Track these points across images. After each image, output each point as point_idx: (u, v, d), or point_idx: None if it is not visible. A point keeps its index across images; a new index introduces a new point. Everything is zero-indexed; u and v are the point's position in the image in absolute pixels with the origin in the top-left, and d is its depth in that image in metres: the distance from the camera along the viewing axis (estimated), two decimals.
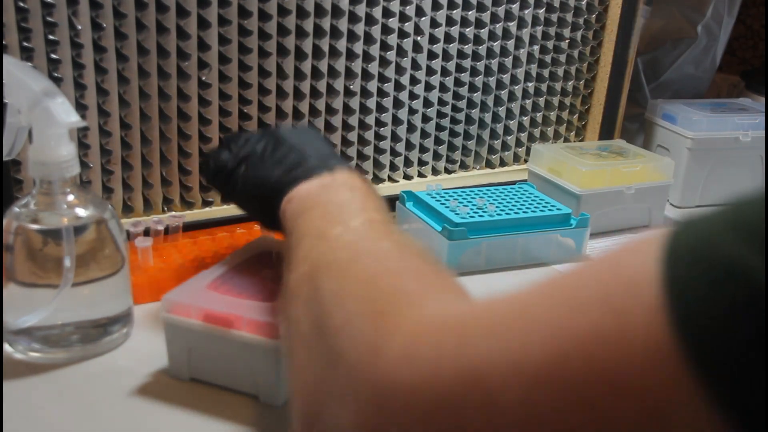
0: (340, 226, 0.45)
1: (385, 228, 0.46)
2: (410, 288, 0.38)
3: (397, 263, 0.41)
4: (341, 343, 0.35)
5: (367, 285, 0.38)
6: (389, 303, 0.36)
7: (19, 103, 0.55)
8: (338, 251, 0.43)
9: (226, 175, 0.59)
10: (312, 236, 0.46)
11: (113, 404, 0.54)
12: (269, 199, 0.55)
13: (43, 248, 0.57)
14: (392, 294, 0.37)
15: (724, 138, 0.99)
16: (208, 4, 0.76)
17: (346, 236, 0.44)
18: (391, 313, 0.35)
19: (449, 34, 0.91)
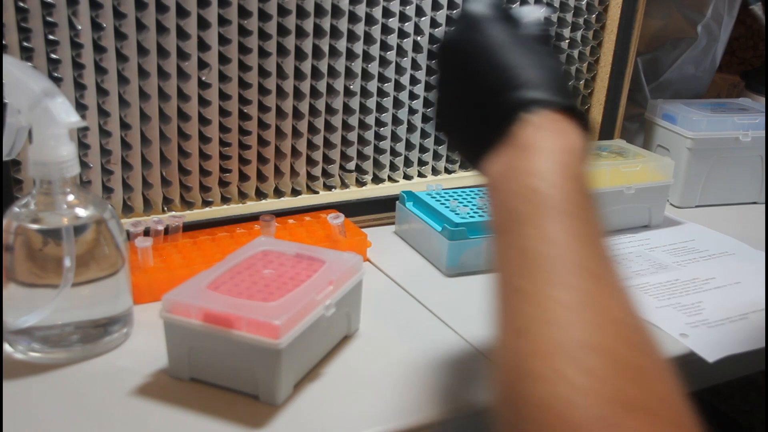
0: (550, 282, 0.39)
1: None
2: (632, 394, 0.34)
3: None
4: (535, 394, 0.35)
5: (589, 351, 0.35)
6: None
7: (19, 103, 0.55)
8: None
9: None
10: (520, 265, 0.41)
11: (113, 404, 0.54)
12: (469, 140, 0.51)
13: (43, 248, 0.57)
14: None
15: (724, 138, 0.99)
16: (208, 4, 0.76)
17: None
18: None
19: None
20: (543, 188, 0.42)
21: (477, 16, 0.50)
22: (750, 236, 0.90)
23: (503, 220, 0.43)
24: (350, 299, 0.63)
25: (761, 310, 0.73)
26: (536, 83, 0.47)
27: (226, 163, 0.83)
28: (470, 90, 0.50)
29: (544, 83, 0.47)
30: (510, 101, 0.46)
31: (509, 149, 0.45)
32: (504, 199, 0.44)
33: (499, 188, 0.45)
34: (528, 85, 0.47)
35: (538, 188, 0.42)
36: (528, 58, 0.48)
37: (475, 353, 0.63)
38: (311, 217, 0.83)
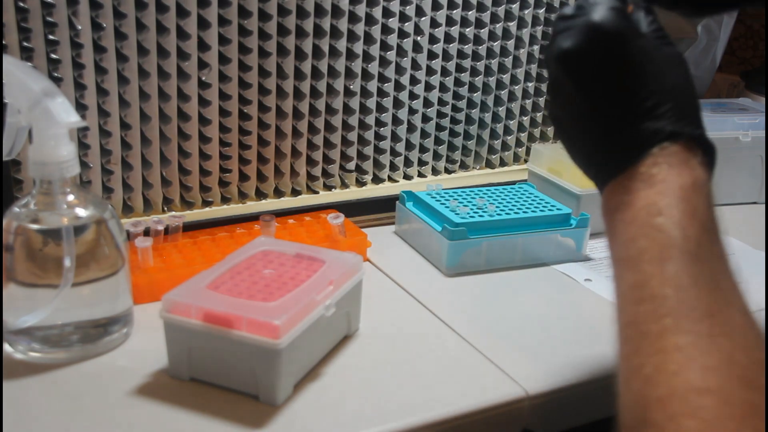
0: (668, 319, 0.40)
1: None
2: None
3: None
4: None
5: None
6: None
7: (19, 103, 0.55)
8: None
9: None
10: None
11: (113, 404, 0.54)
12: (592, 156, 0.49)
13: (43, 248, 0.57)
14: None
15: (724, 138, 0.99)
16: (208, 4, 0.76)
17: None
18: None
19: (449, 34, 0.91)
20: (666, 227, 0.42)
21: (608, 29, 0.47)
22: (750, 236, 0.90)
23: (625, 254, 0.44)
24: (350, 299, 0.63)
25: (761, 310, 0.73)
26: (669, 113, 0.46)
27: (226, 163, 0.83)
28: (600, 112, 0.48)
29: (677, 111, 0.46)
30: (642, 134, 0.46)
31: (635, 180, 0.45)
32: (626, 231, 0.45)
33: (621, 219, 0.45)
34: (660, 115, 0.46)
35: (662, 226, 0.43)
36: (661, 80, 0.47)
37: (475, 353, 0.63)
38: (311, 217, 0.83)
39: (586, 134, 0.50)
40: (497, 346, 0.63)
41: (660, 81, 0.47)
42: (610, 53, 0.47)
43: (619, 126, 0.47)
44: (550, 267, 0.80)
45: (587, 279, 0.77)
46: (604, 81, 0.47)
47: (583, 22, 0.47)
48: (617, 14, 0.47)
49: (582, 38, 0.47)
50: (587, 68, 0.48)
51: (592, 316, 0.70)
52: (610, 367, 0.62)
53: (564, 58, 0.48)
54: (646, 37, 0.48)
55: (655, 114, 0.46)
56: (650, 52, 0.47)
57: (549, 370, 0.60)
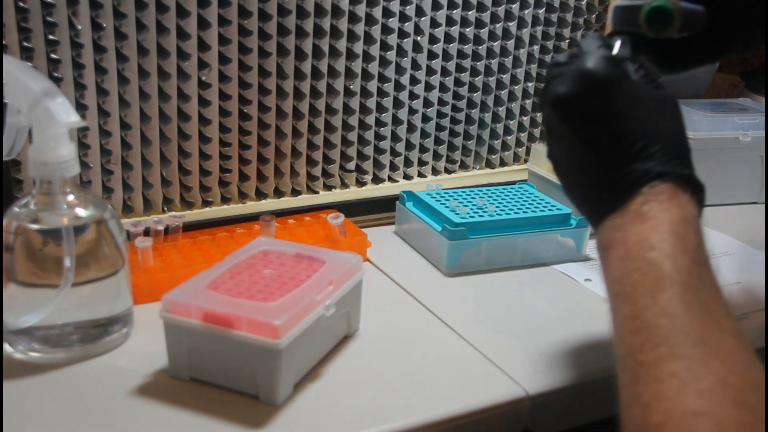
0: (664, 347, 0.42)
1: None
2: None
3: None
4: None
5: None
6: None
7: (19, 103, 0.55)
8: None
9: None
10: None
11: (113, 404, 0.54)
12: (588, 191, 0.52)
13: (43, 248, 0.57)
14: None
15: (724, 138, 0.99)
16: (208, 4, 0.76)
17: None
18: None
19: (449, 34, 0.91)
20: (658, 260, 0.45)
21: (599, 76, 0.50)
22: (750, 236, 0.90)
23: (620, 288, 0.46)
24: (350, 299, 0.63)
25: (761, 310, 0.73)
26: (658, 154, 0.48)
27: (226, 163, 0.83)
28: (592, 154, 0.51)
29: (666, 152, 0.49)
30: (633, 175, 0.48)
31: (627, 218, 0.48)
32: (620, 266, 0.47)
33: (615, 255, 0.48)
34: (651, 157, 0.48)
35: (654, 260, 0.45)
36: (650, 123, 0.49)
37: (474, 353, 0.63)
38: (311, 217, 0.83)
39: (580, 175, 0.53)
40: (497, 346, 0.63)
41: (649, 124, 0.49)
42: (602, 99, 0.50)
43: (611, 167, 0.49)
44: (550, 267, 0.80)
45: (587, 279, 0.77)
46: (596, 125, 0.50)
47: (576, 69, 0.50)
48: (608, 62, 0.50)
49: (574, 84, 0.50)
50: (580, 113, 0.51)
51: (592, 316, 0.70)
52: (609, 367, 0.62)
53: (557, 103, 0.51)
54: (636, 83, 0.51)
55: (644, 155, 0.48)
56: (640, 96, 0.50)
57: (549, 370, 0.60)
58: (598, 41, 0.52)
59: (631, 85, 0.50)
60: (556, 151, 0.55)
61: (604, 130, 0.50)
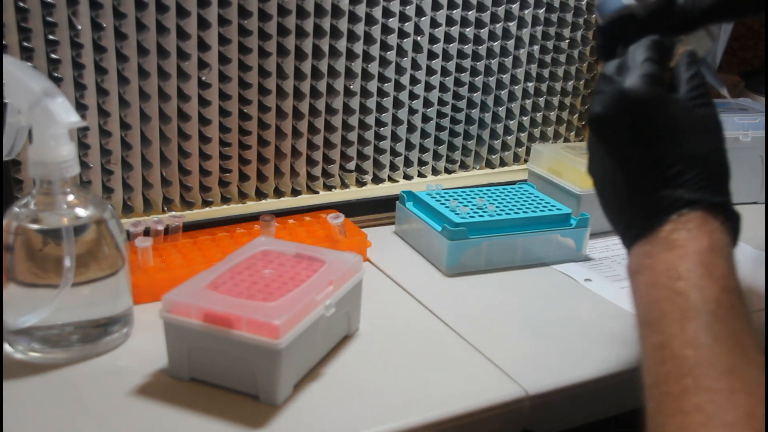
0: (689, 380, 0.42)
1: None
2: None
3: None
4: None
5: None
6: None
7: (19, 103, 0.55)
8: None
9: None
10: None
11: (113, 404, 0.54)
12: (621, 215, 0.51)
13: (43, 248, 0.57)
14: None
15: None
16: (208, 4, 0.76)
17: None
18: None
19: (449, 34, 0.91)
20: (686, 290, 0.44)
21: (637, 97, 0.49)
22: (750, 236, 0.90)
23: (648, 317, 0.46)
24: (350, 299, 0.63)
25: (761, 310, 0.73)
26: (691, 180, 0.48)
27: (226, 163, 0.83)
28: (627, 176, 0.50)
29: (700, 179, 0.48)
30: (663, 201, 0.48)
31: (656, 245, 0.47)
32: (648, 294, 0.47)
33: (643, 282, 0.47)
34: (683, 184, 0.48)
35: (682, 290, 0.45)
36: (687, 147, 0.48)
37: (474, 353, 0.63)
38: (311, 217, 0.83)
39: (614, 196, 0.52)
40: (497, 346, 0.63)
41: (685, 148, 0.48)
42: (638, 120, 0.49)
43: (642, 192, 0.49)
44: (550, 267, 0.80)
45: (587, 279, 0.77)
46: (632, 147, 0.49)
47: (615, 88, 0.49)
48: (648, 81, 0.49)
49: (611, 105, 0.49)
50: (615, 134, 0.50)
51: (592, 316, 0.70)
52: (609, 368, 0.62)
53: (594, 122, 0.51)
54: (678, 102, 0.50)
55: (677, 182, 0.48)
56: (679, 118, 0.49)
57: (549, 370, 0.60)
58: (645, 53, 0.51)
59: (672, 106, 0.49)
60: (594, 167, 0.55)
61: (638, 153, 0.49)
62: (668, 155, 0.48)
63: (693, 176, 0.48)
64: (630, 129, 0.49)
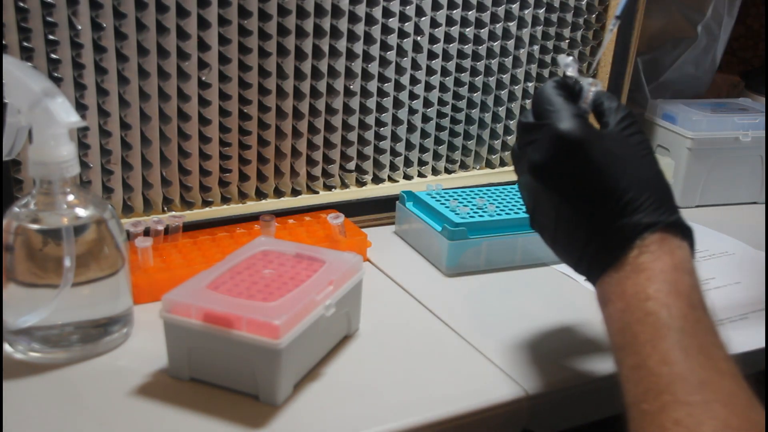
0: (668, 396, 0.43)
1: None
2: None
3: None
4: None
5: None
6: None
7: (19, 103, 0.55)
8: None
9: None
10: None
11: (113, 404, 0.54)
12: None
13: (43, 248, 0.57)
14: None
15: (724, 138, 0.99)
16: (208, 4, 0.76)
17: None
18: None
19: (449, 34, 0.91)
20: (656, 310, 0.46)
21: (574, 138, 0.50)
22: (750, 236, 0.90)
23: (622, 340, 0.47)
24: (350, 299, 0.63)
25: (761, 310, 0.73)
26: (644, 205, 0.50)
27: (226, 163, 0.83)
28: (580, 214, 0.51)
29: (651, 202, 0.50)
30: (624, 230, 0.49)
31: (623, 272, 0.49)
32: (621, 319, 0.48)
33: (615, 308, 0.49)
34: (638, 209, 0.49)
35: (652, 311, 0.46)
36: (631, 176, 0.50)
37: (474, 353, 0.63)
38: (311, 217, 0.83)
39: (571, 236, 0.53)
40: (497, 346, 0.63)
41: (630, 177, 0.50)
42: (579, 160, 0.50)
43: (601, 224, 0.50)
44: (550, 267, 0.80)
45: (587, 279, 0.77)
46: (579, 186, 0.51)
47: (549, 133, 0.51)
48: (580, 122, 0.51)
49: (550, 149, 0.51)
50: (560, 177, 0.52)
51: (591, 316, 0.70)
52: (609, 368, 0.62)
53: (537, 171, 0.52)
54: (611, 136, 0.52)
55: (631, 208, 0.49)
56: (617, 150, 0.51)
57: (549, 370, 0.60)
58: (558, 93, 0.53)
59: (607, 140, 0.51)
60: (541, 217, 0.55)
61: (586, 191, 0.51)
62: (617, 186, 0.50)
63: (645, 200, 0.50)
64: (574, 170, 0.51)
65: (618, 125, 0.52)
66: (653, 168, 0.52)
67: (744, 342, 0.66)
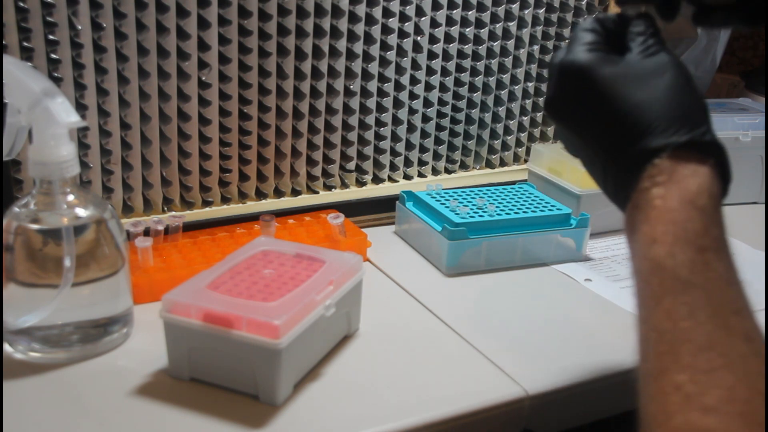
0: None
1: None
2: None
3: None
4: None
5: None
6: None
7: (19, 103, 0.55)
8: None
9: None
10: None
11: (113, 404, 0.54)
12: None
13: (43, 248, 0.57)
14: None
15: (724, 138, 0.97)
16: (208, 4, 0.76)
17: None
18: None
19: (449, 34, 0.91)
20: (663, 259, 0.41)
21: (579, 67, 0.48)
22: (750, 236, 0.90)
23: (636, 292, 0.43)
24: (350, 299, 0.63)
25: (761, 310, 0.73)
26: (652, 127, 0.44)
27: (226, 163, 0.83)
28: (591, 148, 0.49)
29: (662, 122, 0.44)
30: (630, 159, 0.45)
31: (636, 209, 0.44)
32: (635, 267, 0.44)
33: (632, 252, 0.45)
34: (645, 133, 0.44)
35: (656, 257, 0.41)
36: (640, 94, 0.46)
37: (474, 353, 0.63)
38: (311, 217, 0.83)
39: (593, 174, 0.51)
40: (497, 346, 0.63)
41: (639, 99, 0.46)
42: (583, 89, 0.48)
43: (612, 156, 0.47)
44: (550, 267, 0.80)
45: (587, 279, 0.77)
46: (586, 115, 0.48)
47: (553, 66, 0.50)
48: (583, 49, 0.48)
49: (554, 82, 0.50)
50: (566, 108, 0.50)
51: (591, 316, 0.70)
52: (609, 368, 0.62)
53: (546, 106, 0.51)
54: (624, 60, 0.48)
55: (638, 132, 0.45)
56: (626, 75, 0.47)
57: (549, 370, 0.60)
58: (586, 27, 0.50)
59: (616, 64, 0.47)
60: (570, 149, 0.53)
61: (595, 119, 0.47)
62: (621, 109, 0.46)
63: (655, 120, 0.44)
64: (579, 99, 0.48)
65: (636, 48, 0.48)
66: (672, 84, 0.46)
67: None
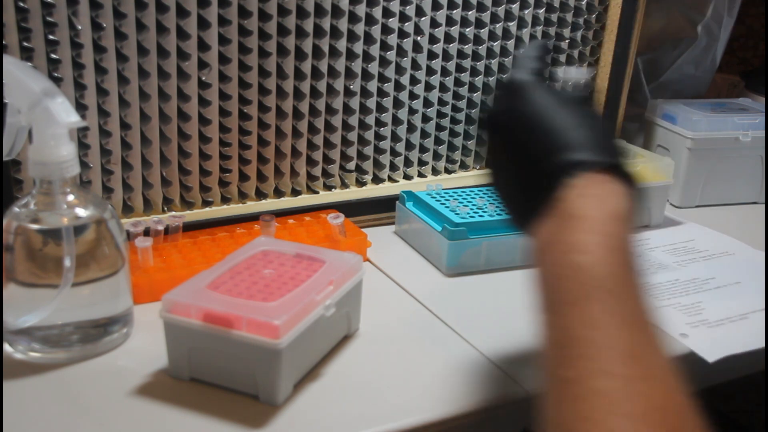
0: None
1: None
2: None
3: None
4: None
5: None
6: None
7: (19, 103, 0.55)
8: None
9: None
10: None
11: (113, 404, 0.54)
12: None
13: (43, 248, 0.57)
14: None
15: (724, 138, 0.99)
16: (208, 4, 0.76)
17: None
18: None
19: (449, 34, 0.91)
20: (586, 265, 0.42)
21: (520, 83, 0.52)
22: (750, 236, 0.90)
23: (548, 298, 0.44)
24: (350, 299, 0.63)
25: (761, 310, 0.73)
26: (578, 144, 0.47)
27: (226, 163, 0.83)
28: (517, 157, 0.50)
29: (587, 143, 0.47)
30: (553, 166, 0.46)
31: (554, 218, 0.45)
32: (549, 273, 0.44)
33: (544, 260, 0.45)
34: (569, 147, 0.46)
35: (582, 265, 0.42)
36: (570, 119, 0.49)
37: (474, 353, 0.63)
38: (311, 217, 0.83)
39: (510, 184, 0.53)
40: (497, 346, 0.63)
41: (568, 120, 0.49)
42: (518, 102, 0.51)
43: (533, 165, 0.49)
44: None
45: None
46: (517, 128, 0.51)
47: (498, 84, 0.55)
48: (523, 71, 0.53)
49: (497, 96, 0.55)
50: (501, 121, 0.52)
51: None
52: None
53: (484, 120, 0.55)
54: (557, 91, 0.52)
55: (562, 145, 0.47)
56: (555, 96, 0.51)
57: None
58: (530, 52, 0.54)
59: (547, 89, 0.51)
60: (495, 173, 0.55)
61: (528, 131, 0.49)
62: (555, 128, 0.48)
63: (582, 142, 0.47)
64: (513, 112, 0.51)
65: (571, 89, 0.53)
66: (597, 120, 0.50)
67: (744, 342, 0.66)
